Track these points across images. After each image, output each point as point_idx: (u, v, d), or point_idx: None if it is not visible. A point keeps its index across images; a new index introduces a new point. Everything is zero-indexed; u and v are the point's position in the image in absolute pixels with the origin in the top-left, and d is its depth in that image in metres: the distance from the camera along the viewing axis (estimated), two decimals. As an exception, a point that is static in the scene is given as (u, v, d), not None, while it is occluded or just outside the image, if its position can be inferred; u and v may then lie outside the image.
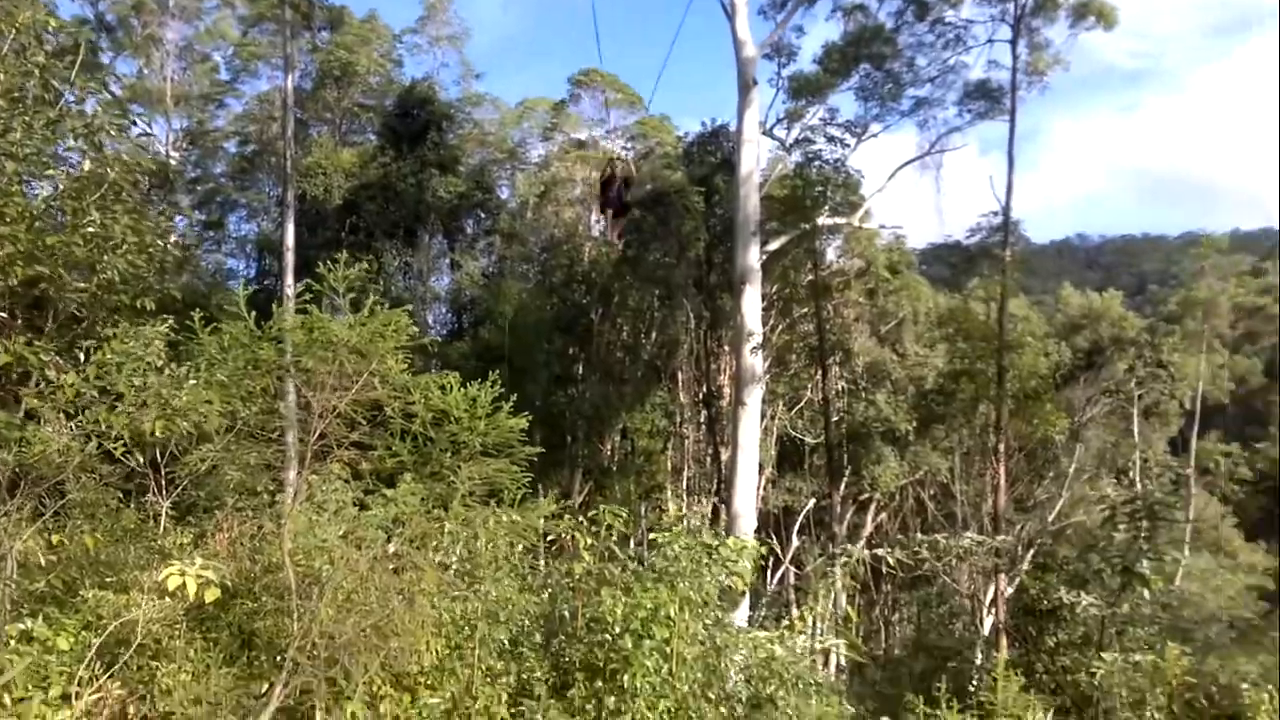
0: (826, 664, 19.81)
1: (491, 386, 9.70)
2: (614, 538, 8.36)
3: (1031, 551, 16.36)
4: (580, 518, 8.85)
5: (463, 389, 9.52)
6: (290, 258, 21.04)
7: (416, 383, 9.27)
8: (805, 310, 28.46)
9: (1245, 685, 9.35)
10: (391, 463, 9.60)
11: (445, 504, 9.17)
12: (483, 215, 34.73)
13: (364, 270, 8.32)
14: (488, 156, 37.40)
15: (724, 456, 23.39)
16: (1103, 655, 10.46)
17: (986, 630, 14.89)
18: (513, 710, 6.07)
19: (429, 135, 31.98)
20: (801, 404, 27.78)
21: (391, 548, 7.29)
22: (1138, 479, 24.99)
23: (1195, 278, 53.82)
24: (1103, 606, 11.97)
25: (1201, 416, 39.67)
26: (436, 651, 6.48)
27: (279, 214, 27.65)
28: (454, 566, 7.53)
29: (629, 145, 37.03)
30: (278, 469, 9.99)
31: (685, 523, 8.97)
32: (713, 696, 6.80)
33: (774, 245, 21.16)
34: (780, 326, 29.11)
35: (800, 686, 7.11)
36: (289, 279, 20.43)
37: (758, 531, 16.95)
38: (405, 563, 7.01)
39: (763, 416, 22.35)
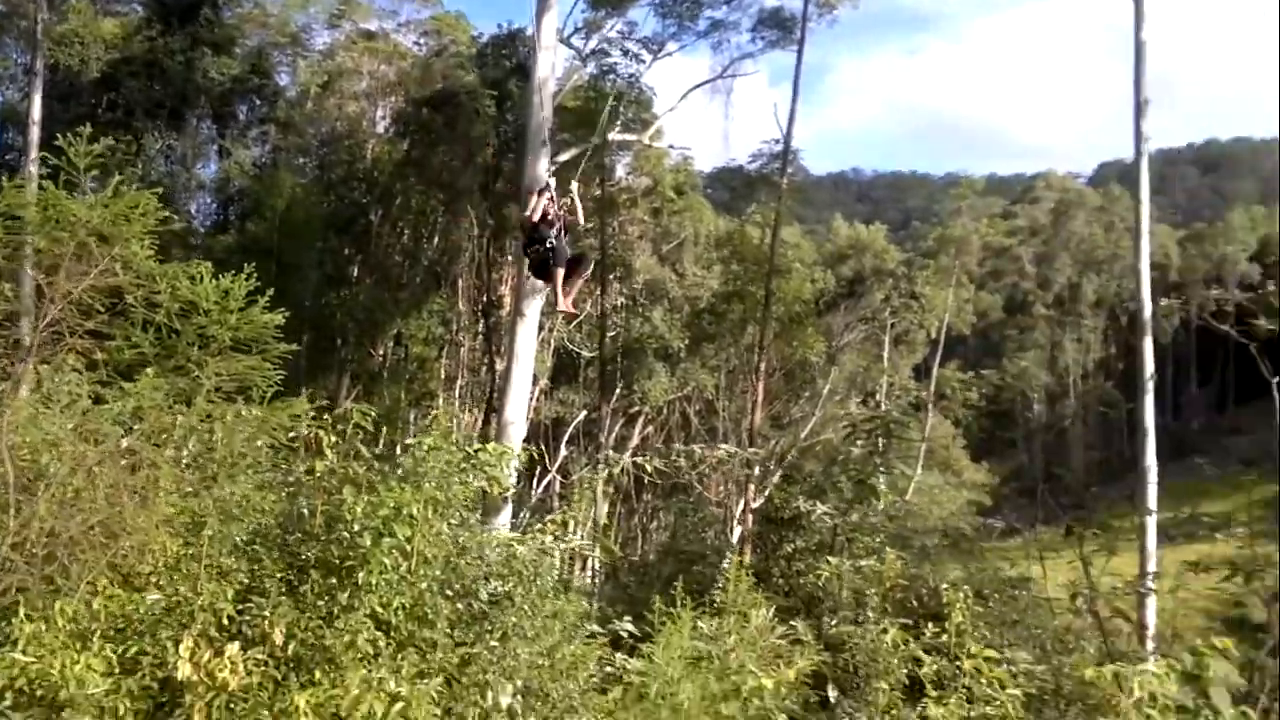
0: (584, 568, 20.54)
1: (247, 279, 9.36)
2: (361, 436, 8.34)
3: (781, 464, 17.51)
4: (329, 417, 8.76)
5: (215, 280, 9.15)
6: (36, 132, 19.68)
7: (163, 271, 8.83)
8: (590, 225, 28.63)
9: (945, 586, 10.45)
10: (131, 354, 9.12)
11: (189, 399, 8.82)
12: (258, 102, 32.64)
13: (114, 148, 7.78)
14: (267, 39, 34.96)
15: (499, 366, 23.51)
16: (830, 559, 11.43)
17: (736, 538, 15.87)
18: (240, 607, 6.03)
19: (202, 11, 29.58)
20: (580, 318, 28.15)
21: (126, 443, 6.99)
22: (883, 400, 26.98)
23: (952, 217, 57.93)
24: (835, 515, 13.00)
25: (945, 346, 43.15)
26: (170, 550, 6.32)
27: (26, 84, 25.15)
28: (185, 462, 7.32)
29: (420, 41, 35.61)
30: (3, 356, 9.32)
31: (442, 427, 9.05)
32: (451, 594, 6.98)
33: (564, 156, 21.00)
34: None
35: (539, 584, 7.39)
36: (33, 155, 19.07)
37: (528, 440, 17.22)
38: (140, 459, 6.76)
39: (541, 328, 22.52)
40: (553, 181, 11.37)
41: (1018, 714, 8.06)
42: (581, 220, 12.10)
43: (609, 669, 8.11)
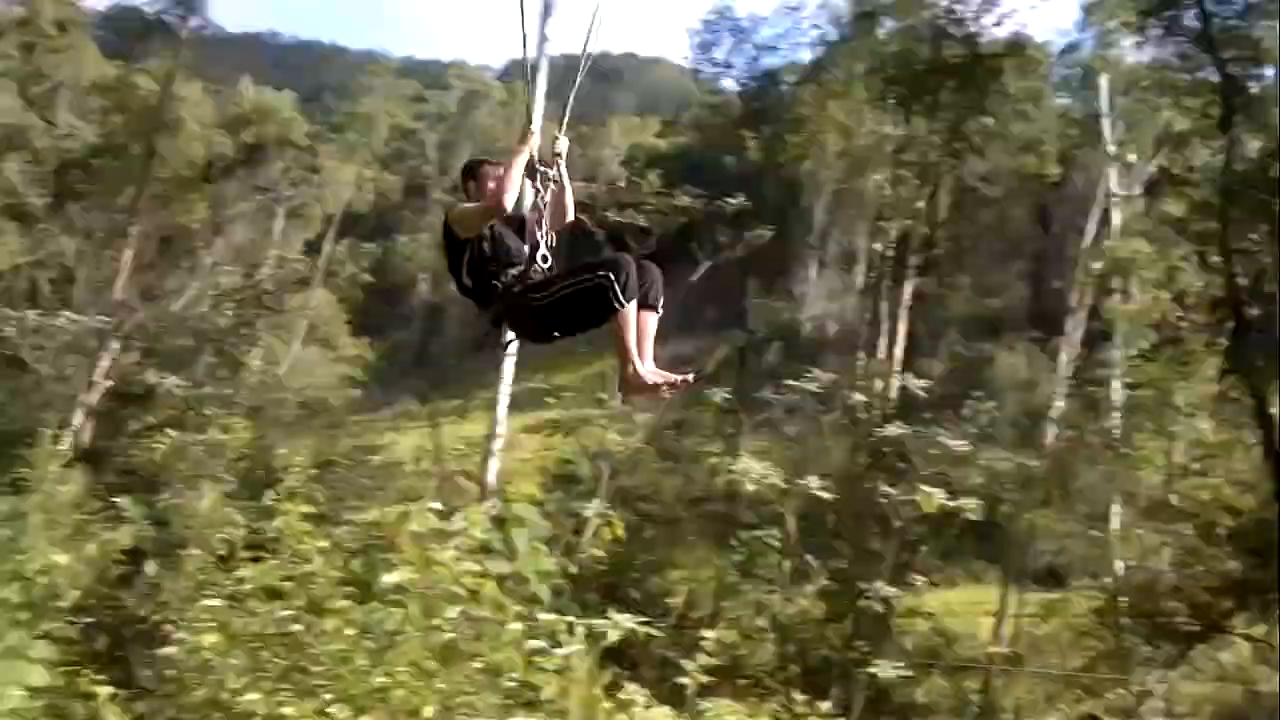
0: None
1: None
2: None
3: (142, 337, 16.29)
4: None
5: None
6: None
7: None
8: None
9: (281, 451, 10.67)
10: None
11: None
12: None
13: None
14: None
15: None
16: (170, 432, 11.01)
17: (78, 419, 14.56)
18: None
19: None
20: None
21: None
22: (269, 274, 26.21)
23: (365, 94, 57.32)
24: (189, 388, 12.52)
25: (342, 223, 42.96)
26: None
27: None
28: None
29: None
30: None
31: None
32: None
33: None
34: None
35: None
36: None
37: None
38: None
39: None
40: (537, 131, 4.83)
41: (328, 567, 8.46)
42: (571, 211, 5.09)
43: None
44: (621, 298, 4.33)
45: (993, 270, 36.35)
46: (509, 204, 4.67)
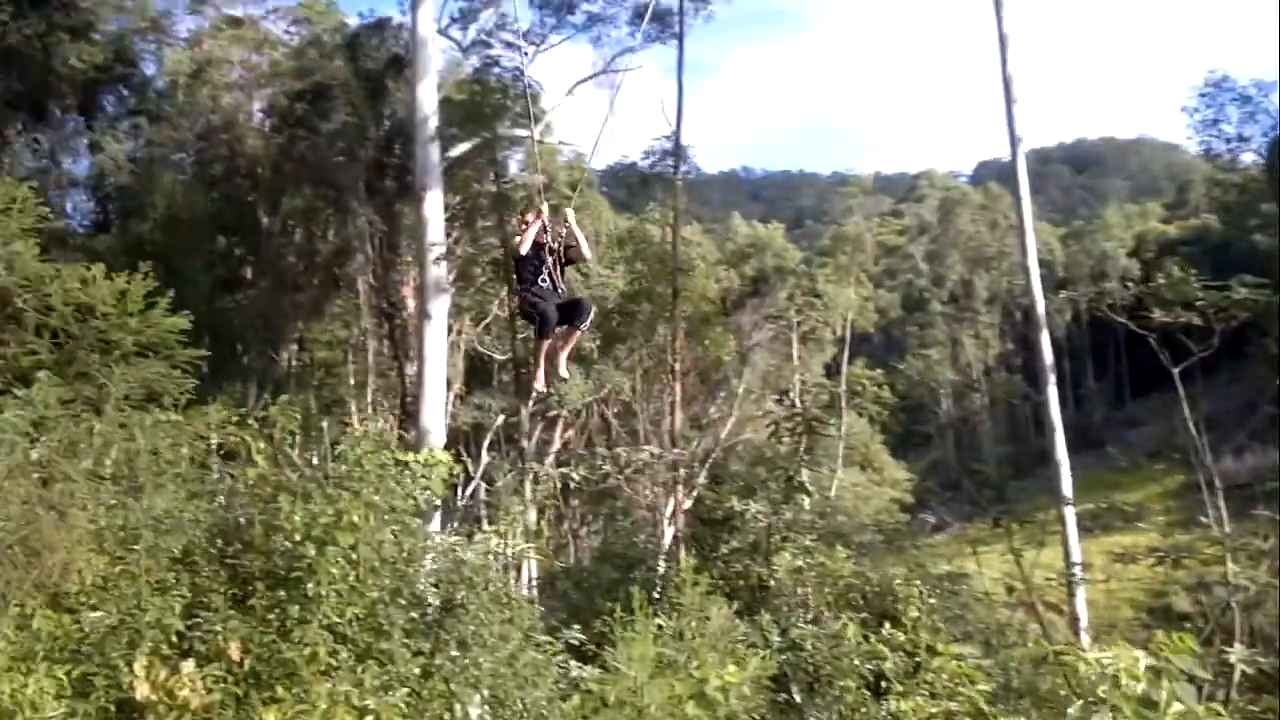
0: (519, 577, 19.86)
1: (144, 279, 8.83)
2: (289, 442, 7.87)
3: (706, 465, 17.17)
4: (254, 422, 8.27)
5: (109, 280, 8.61)
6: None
7: (52, 272, 8.23)
8: (488, 223, 27.85)
9: (898, 582, 10.34)
10: (28, 361, 8.37)
11: (97, 408, 8.12)
12: (126, 92, 30.50)
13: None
14: (127, 24, 32.40)
15: (409, 370, 22.69)
16: (772, 559, 11.19)
17: (668, 541, 15.50)
18: (189, 623, 5.43)
19: (55, -7, 27.32)
20: (489, 319, 27.36)
21: (35, 455, 6.26)
22: (797, 399, 27.01)
23: (844, 215, 58.77)
24: (768, 513, 12.77)
25: (850, 344, 43.60)
26: (98, 567, 5.68)
27: None
28: (109, 473, 6.64)
29: (291, 30, 33.69)
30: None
31: (363, 433, 8.70)
32: (403, 602, 6.53)
33: (455, 152, 20.39)
34: (463, 238, 28.33)
35: (490, 590, 7.00)
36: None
37: (447, 447, 16.59)
38: (53, 471, 6.05)
39: (449, 331, 21.81)
40: (545, 206, 7.90)
41: (980, 710, 7.80)
42: (587, 254, 8.58)
43: (566, 676, 7.72)
44: (539, 320, 7.63)
45: None
46: (523, 250, 7.79)
